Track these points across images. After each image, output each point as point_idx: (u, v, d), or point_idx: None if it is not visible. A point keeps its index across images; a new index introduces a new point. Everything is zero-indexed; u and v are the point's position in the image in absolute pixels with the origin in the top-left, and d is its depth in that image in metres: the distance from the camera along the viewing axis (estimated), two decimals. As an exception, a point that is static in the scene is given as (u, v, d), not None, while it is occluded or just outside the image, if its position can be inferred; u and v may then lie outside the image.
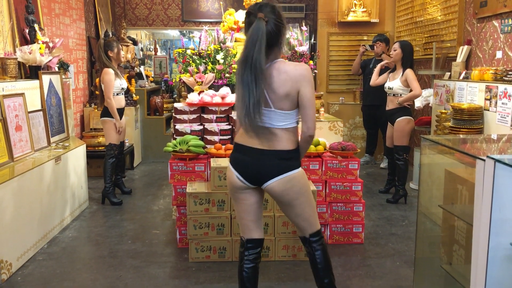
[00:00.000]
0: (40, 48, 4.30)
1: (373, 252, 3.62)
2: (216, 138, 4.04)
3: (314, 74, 5.86)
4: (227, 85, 4.47)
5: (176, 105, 4.20)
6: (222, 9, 6.12)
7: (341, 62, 7.28)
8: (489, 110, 3.96)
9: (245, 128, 2.23)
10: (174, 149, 3.74)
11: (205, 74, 4.46)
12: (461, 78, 4.66)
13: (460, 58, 4.95)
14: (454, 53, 5.20)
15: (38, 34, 4.42)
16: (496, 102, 3.85)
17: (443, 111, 4.52)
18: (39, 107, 4.27)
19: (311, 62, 4.89)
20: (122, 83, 4.79)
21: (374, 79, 5.09)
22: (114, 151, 4.75)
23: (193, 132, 4.03)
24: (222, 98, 4.17)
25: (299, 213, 2.35)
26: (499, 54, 4.38)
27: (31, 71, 4.37)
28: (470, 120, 4.04)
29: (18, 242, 3.31)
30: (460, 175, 2.33)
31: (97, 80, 5.66)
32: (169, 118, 7.06)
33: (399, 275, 3.22)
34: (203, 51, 4.64)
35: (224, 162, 3.49)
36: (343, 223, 3.75)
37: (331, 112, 6.77)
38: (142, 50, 9.53)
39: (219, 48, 4.63)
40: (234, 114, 4.12)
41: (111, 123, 4.68)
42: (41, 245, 3.66)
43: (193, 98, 4.16)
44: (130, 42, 7.52)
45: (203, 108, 4.19)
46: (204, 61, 4.61)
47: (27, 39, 4.48)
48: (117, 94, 4.71)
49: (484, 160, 1.76)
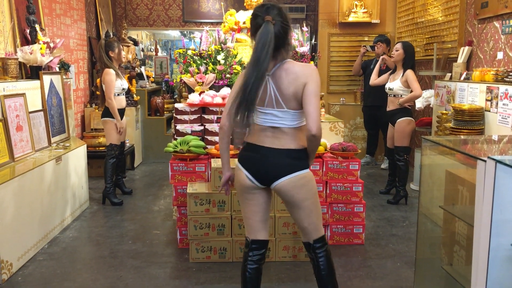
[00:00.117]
0: (41, 48, 4.31)
1: (373, 253, 3.62)
2: (216, 139, 4.04)
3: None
4: (228, 85, 4.47)
5: (176, 105, 4.20)
6: (223, 9, 6.13)
7: (342, 62, 7.28)
8: (490, 111, 3.96)
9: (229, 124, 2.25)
10: (175, 149, 3.74)
11: (206, 74, 4.47)
12: (462, 79, 4.66)
13: (461, 59, 4.94)
14: (455, 54, 5.19)
15: (39, 35, 4.43)
16: (497, 103, 3.85)
17: (444, 112, 4.52)
18: (40, 107, 4.28)
19: (312, 62, 4.89)
20: (123, 84, 4.80)
21: (373, 79, 5.09)
22: (114, 152, 4.75)
23: (193, 132, 4.03)
24: (223, 98, 4.17)
25: (306, 215, 2.34)
26: (500, 55, 4.38)
27: (32, 71, 4.38)
28: (471, 121, 4.03)
29: (19, 242, 3.31)
30: (461, 176, 2.33)
31: (98, 80, 5.66)
32: (169, 119, 7.06)
33: (400, 276, 3.22)
34: (204, 52, 4.65)
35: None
36: (344, 224, 3.75)
37: (332, 112, 6.77)
38: (143, 50, 9.54)
39: (220, 48, 4.63)
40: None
41: (112, 124, 4.69)
42: (41, 245, 3.66)
43: (193, 98, 4.16)
44: (131, 42, 7.52)
45: (204, 108, 4.19)
46: (205, 61, 4.61)
47: (28, 39, 4.49)
48: (118, 95, 4.71)
49: (485, 161, 1.76)
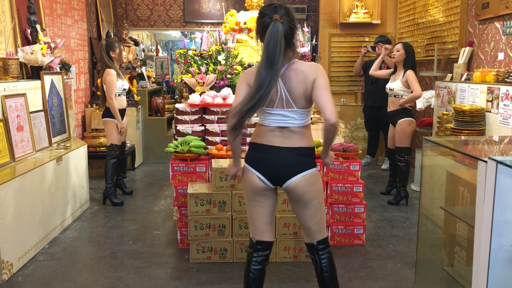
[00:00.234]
0: (41, 48, 4.31)
1: (374, 253, 3.62)
2: (217, 139, 4.04)
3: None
4: (229, 86, 4.47)
5: (177, 106, 4.20)
6: (224, 10, 6.13)
7: (342, 63, 7.27)
8: (491, 112, 3.96)
9: (233, 124, 2.19)
10: (175, 149, 3.74)
11: (206, 75, 4.47)
12: (463, 79, 4.66)
13: (461, 59, 4.94)
14: (455, 54, 5.19)
15: (40, 35, 4.43)
16: (498, 104, 3.84)
17: (445, 113, 4.52)
18: (41, 108, 4.28)
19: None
20: (123, 84, 4.80)
21: (373, 69, 5.08)
22: (115, 152, 4.75)
23: (194, 133, 4.03)
24: (224, 99, 4.17)
25: (313, 215, 2.34)
26: (501, 56, 4.38)
27: (33, 72, 4.38)
28: (472, 121, 4.03)
29: (19, 243, 3.31)
30: (461, 177, 2.33)
31: (98, 80, 5.67)
32: (170, 119, 7.06)
33: (401, 277, 3.22)
34: (205, 52, 4.65)
35: (225, 163, 3.49)
36: (344, 225, 3.75)
37: (333, 113, 6.75)
38: (143, 51, 9.54)
39: (221, 49, 4.63)
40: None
41: (113, 124, 4.69)
42: (42, 245, 3.66)
43: (194, 99, 4.16)
44: (132, 42, 7.52)
45: (205, 109, 4.19)
46: (205, 62, 4.61)
47: (29, 40, 4.49)
48: (118, 95, 4.71)
49: (486, 161, 1.76)
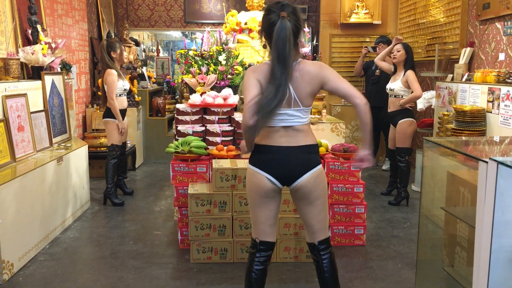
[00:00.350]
0: (42, 48, 4.31)
1: (374, 254, 3.62)
2: (218, 139, 4.04)
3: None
4: (229, 86, 4.47)
5: (178, 106, 4.20)
6: (225, 10, 6.13)
7: (343, 63, 7.27)
8: (491, 112, 3.96)
9: (258, 124, 2.19)
10: (176, 150, 3.74)
11: (207, 75, 4.47)
12: (463, 80, 4.65)
13: (462, 60, 4.93)
14: (456, 55, 5.19)
15: (41, 35, 4.43)
16: (498, 104, 3.84)
17: (446, 113, 4.52)
18: (42, 108, 4.28)
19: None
20: (124, 84, 4.80)
21: (379, 58, 5.05)
22: (116, 152, 4.76)
23: (195, 133, 4.03)
24: (224, 99, 4.17)
25: (318, 213, 2.35)
26: (502, 56, 4.37)
27: (34, 72, 4.38)
28: (473, 122, 4.03)
29: (20, 243, 3.31)
30: (462, 177, 2.33)
31: (99, 81, 5.67)
32: (171, 119, 7.06)
33: (401, 277, 3.22)
34: (205, 52, 4.65)
35: (226, 163, 3.49)
36: (345, 225, 3.74)
37: (333, 114, 6.76)
38: (144, 51, 9.55)
39: (221, 49, 4.63)
40: (236, 115, 4.12)
41: (114, 124, 4.69)
42: (42, 245, 3.66)
43: (195, 99, 4.16)
44: (133, 43, 7.52)
45: (205, 109, 4.18)
46: (206, 62, 4.61)
47: (30, 40, 4.49)
48: (119, 95, 4.72)
49: (486, 162, 1.76)
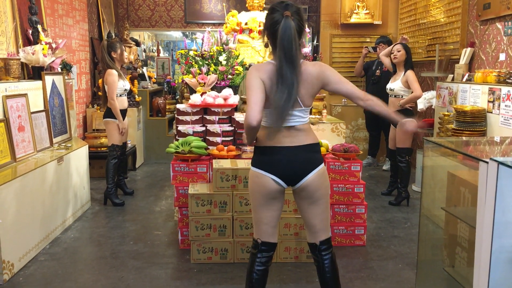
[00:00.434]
0: (43, 49, 4.31)
1: (375, 254, 3.62)
2: (218, 140, 4.04)
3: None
4: (230, 86, 4.47)
5: (178, 106, 4.20)
6: (225, 10, 6.13)
7: (343, 64, 7.27)
8: (492, 113, 3.95)
9: (273, 125, 2.22)
10: (176, 150, 3.74)
11: (207, 75, 4.46)
12: (464, 80, 4.65)
13: (463, 60, 4.93)
14: (457, 55, 5.18)
15: (41, 35, 4.43)
16: (499, 105, 3.84)
17: (446, 113, 4.51)
18: (42, 108, 4.28)
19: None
20: (125, 84, 4.80)
21: (385, 53, 5.03)
22: (116, 152, 4.76)
23: (195, 133, 4.03)
24: (225, 99, 4.17)
25: (321, 212, 2.35)
26: (502, 57, 4.37)
27: (34, 72, 4.38)
28: (473, 122, 4.03)
29: (20, 243, 3.31)
30: (463, 178, 2.33)
31: (100, 81, 5.66)
32: (171, 119, 7.07)
33: (402, 278, 3.21)
34: (206, 53, 4.65)
35: (226, 163, 3.49)
36: (345, 225, 3.74)
37: (334, 114, 6.76)
38: (145, 51, 9.55)
39: (222, 49, 4.63)
40: (237, 116, 4.12)
41: (114, 124, 4.69)
42: (43, 245, 3.66)
43: (195, 99, 4.16)
44: (133, 43, 7.52)
45: (206, 109, 4.18)
46: (206, 62, 4.61)
47: (30, 40, 4.49)
48: (120, 95, 4.72)
49: (487, 162, 1.76)
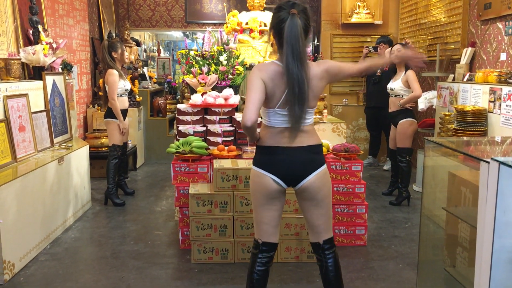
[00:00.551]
0: (43, 49, 4.31)
1: (376, 254, 3.61)
2: (219, 140, 4.04)
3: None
4: (230, 86, 4.47)
5: (179, 106, 4.20)
6: (226, 10, 6.13)
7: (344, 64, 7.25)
8: (493, 112, 3.95)
9: (291, 125, 2.21)
10: (177, 150, 3.74)
11: (208, 75, 4.46)
12: (465, 80, 4.65)
13: (464, 60, 4.93)
14: (458, 55, 5.18)
15: (42, 35, 4.43)
16: (500, 104, 3.84)
17: (447, 113, 4.51)
18: (43, 108, 4.28)
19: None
20: (125, 84, 4.80)
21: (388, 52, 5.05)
22: (117, 152, 4.76)
23: (196, 133, 4.03)
24: (225, 99, 4.17)
25: (323, 213, 2.35)
26: (503, 56, 4.37)
27: (35, 72, 4.38)
28: (474, 122, 4.02)
29: (21, 243, 3.31)
30: (464, 178, 2.32)
31: (100, 81, 5.67)
32: (172, 119, 7.07)
33: (402, 278, 3.21)
34: (206, 52, 4.65)
35: (227, 163, 3.49)
36: (346, 225, 3.74)
37: (334, 114, 6.76)
38: (145, 51, 9.56)
39: (223, 49, 4.63)
40: (237, 116, 4.12)
41: (115, 124, 4.69)
42: (43, 245, 3.66)
43: (196, 99, 4.16)
44: (134, 43, 7.52)
45: (206, 109, 4.18)
46: (207, 62, 4.61)
47: (31, 40, 4.49)
48: (120, 95, 4.72)
49: (488, 162, 1.75)
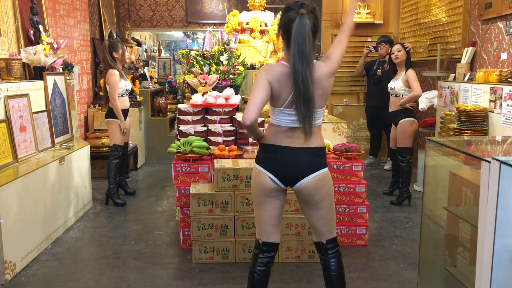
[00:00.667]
0: (44, 49, 4.32)
1: (377, 254, 3.61)
2: (219, 139, 4.04)
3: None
4: (231, 86, 4.47)
5: (179, 106, 4.20)
6: (226, 10, 6.13)
7: (345, 63, 7.25)
8: (494, 112, 3.95)
9: (301, 125, 2.20)
10: (178, 150, 3.74)
11: (209, 75, 4.47)
12: (465, 79, 4.65)
13: (464, 59, 4.93)
14: (458, 54, 5.18)
15: (43, 35, 4.44)
16: (501, 104, 3.84)
17: (448, 113, 4.51)
18: (44, 108, 4.29)
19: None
20: (126, 84, 4.81)
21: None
22: (118, 152, 4.76)
23: (196, 133, 4.03)
24: (226, 99, 4.17)
25: (323, 216, 2.34)
26: (504, 56, 4.37)
27: (36, 72, 4.38)
28: (475, 122, 4.02)
29: (22, 243, 3.31)
30: (464, 177, 2.32)
31: (101, 81, 5.67)
32: (172, 119, 7.07)
33: (403, 277, 3.21)
34: (207, 52, 4.65)
35: (227, 163, 3.49)
36: (347, 225, 3.74)
37: (335, 113, 6.76)
38: (146, 51, 9.56)
39: (223, 49, 4.64)
40: (238, 115, 4.12)
41: (116, 124, 4.69)
42: (45, 245, 3.67)
43: (196, 99, 4.16)
44: (134, 43, 7.53)
45: (207, 109, 4.18)
46: (208, 62, 4.61)
47: (32, 40, 4.50)
48: (121, 95, 4.72)
49: (489, 162, 1.75)
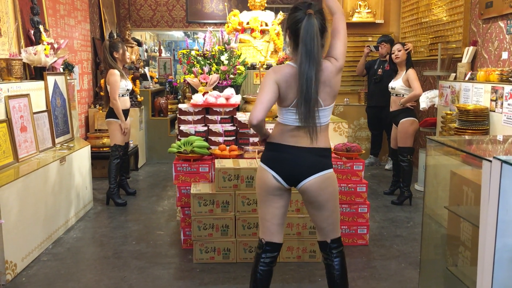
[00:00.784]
0: (45, 49, 4.32)
1: (378, 253, 3.61)
2: (220, 139, 4.04)
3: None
4: (232, 86, 4.47)
5: (180, 106, 4.20)
6: (227, 10, 6.12)
7: (345, 63, 7.17)
8: (495, 111, 3.94)
9: (302, 124, 2.19)
10: (179, 150, 3.74)
11: (209, 75, 4.46)
12: (466, 79, 4.64)
13: (465, 59, 4.92)
14: (459, 54, 5.17)
15: (43, 35, 4.44)
16: (502, 103, 3.83)
17: (449, 112, 4.50)
18: (44, 108, 4.29)
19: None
20: (127, 84, 4.81)
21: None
22: (118, 152, 4.76)
23: (197, 133, 4.03)
24: (227, 99, 4.17)
25: (327, 216, 2.33)
26: (505, 55, 4.36)
27: (36, 72, 4.39)
28: (476, 121, 4.02)
29: (23, 243, 3.31)
30: (466, 177, 2.32)
31: (102, 81, 5.67)
32: (173, 119, 7.07)
33: (404, 277, 3.21)
34: (208, 52, 4.65)
35: (228, 163, 3.49)
36: (348, 225, 3.74)
37: (336, 113, 6.75)
38: (146, 51, 9.56)
39: (224, 49, 4.63)
40: (239, 115, 4.12)
41: (117, 124, 4.69)
42: (45, 245, 3.67)
43: (197, 99, 4.16)
44: (135, 43, 7.53)
45: (208, 109, 4.18)
46: (208, 62, 4.61)
47: (32, 40, 4.50)
48: (122, 95, 4.72)
49: (490, 161, 1.75)
